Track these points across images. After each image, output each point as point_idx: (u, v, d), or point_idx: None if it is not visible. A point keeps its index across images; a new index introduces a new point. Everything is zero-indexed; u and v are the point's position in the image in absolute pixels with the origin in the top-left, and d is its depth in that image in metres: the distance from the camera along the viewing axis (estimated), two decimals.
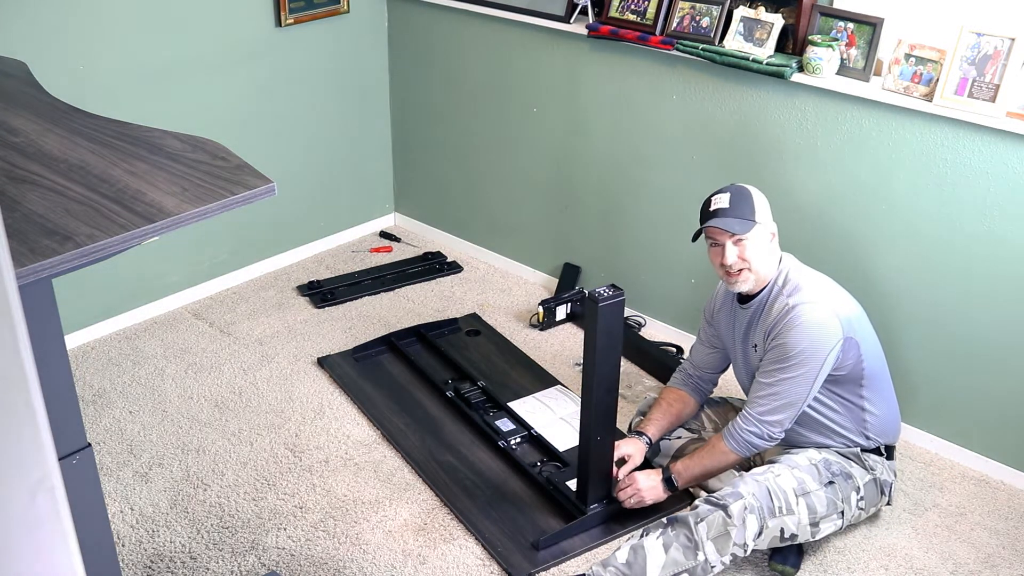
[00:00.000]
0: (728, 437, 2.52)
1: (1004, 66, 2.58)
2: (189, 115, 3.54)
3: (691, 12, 3.14)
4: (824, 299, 2.47)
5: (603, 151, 3.58)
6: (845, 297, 2.55)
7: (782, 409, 2.46)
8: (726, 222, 2.45)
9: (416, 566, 2.57)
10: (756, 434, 2.48)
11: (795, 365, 2.43)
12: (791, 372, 2.43)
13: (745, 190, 2.51)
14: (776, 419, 2.47)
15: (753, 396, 2.51)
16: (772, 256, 2.52)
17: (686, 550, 2.34)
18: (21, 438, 0.65)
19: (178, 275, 3.76)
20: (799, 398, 2.45)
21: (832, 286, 2.55)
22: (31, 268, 1.30)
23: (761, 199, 2.51)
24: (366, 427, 3.12)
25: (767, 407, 2.47)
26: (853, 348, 2.48)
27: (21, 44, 3.02)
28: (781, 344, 2.45)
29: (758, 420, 2.48)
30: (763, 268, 2.50)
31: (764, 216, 2.49)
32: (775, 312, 2.48)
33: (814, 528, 2.45)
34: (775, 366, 2.46)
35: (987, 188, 2.70)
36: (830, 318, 2.43)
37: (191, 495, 2.81)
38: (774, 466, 2.48)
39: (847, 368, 2.49)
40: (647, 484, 2.64)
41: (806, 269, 2.57)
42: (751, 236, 2.45)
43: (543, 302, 3.67)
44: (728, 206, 2.46)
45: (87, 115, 1.88)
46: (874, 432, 2.59)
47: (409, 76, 4.14)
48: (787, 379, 2.44)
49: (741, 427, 2.50)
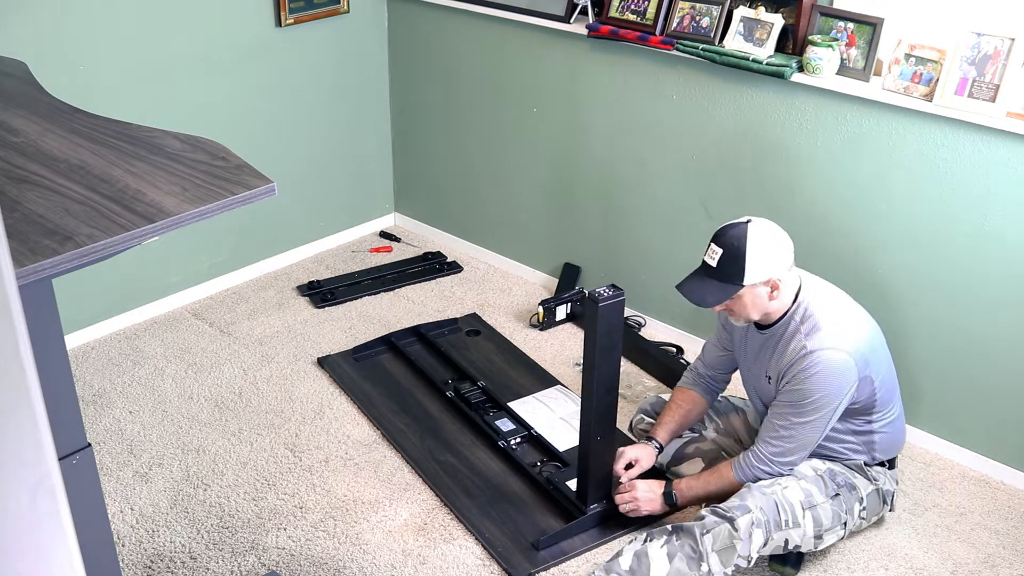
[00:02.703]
0: (737, 468, 2.49)
1: (1004, 66, 2.58)
2: (189, 115, 3.54)
3: (691, 12, 3.14)
4: (841, 341, 2.36)
5: (603, 151, 3.58)
6: (861, 324, 2.45)
7: (795, 451, 2.45)
8: (696, 293, 2.39)
9: (416, 566, 2.57)
10: (768, 472, 2.46)
11: (811, 411, 2.38)
12: (806, 417, 2.39)
13: (740, 247, 2.32)
14: (788, 460, 2.46)
15: (766, 435, 2.48)
16: (778, 299, 2.39)
17: (690, 561, 2.33)
18: (21, 438, 0.65)
19: (178, 275, 3.76)
20: (812, 440, 2.44)
21: (849, 315, 2.45)
22: (31, 268, 1.30)
23: (761, 253, 2.32)
24: (366, 427, 3.12)
25: (780, 449, 2.45)
26: (868, 385, 2.43)
27: (21, 44, 3.02)
28: (797, 390, 2.38)
29: (770, 460, 2.46)
30: (759, 314, 2.42)
31: (759, 273, 2.33)
32: (791, 352, 2.40)
33: (818, 540, 2.44)
34: (790, 410, 2.41)
35: (987, 188, 2.70)
36: (847, 364, 2.35)
37: (191, 495, 2.81)
38: (781, 478, 2.46)
39: (860, 403, 2.46)
40: (645, 496, 2.60)
41: (825, 297, 2.45)
42: (738, 296, 2.36)
43: (543, 302, 3.67)
44: (716, 266, 2.35)
45: (87, 115, 1.88)
46: (880, 450, 2.57)
47: (409, 76, 4.14)
48: (801, 423, 2.40)
49: (753, 464, 2.47)
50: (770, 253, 2.34)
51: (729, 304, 2.40)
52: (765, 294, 2.37)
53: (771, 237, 2.36)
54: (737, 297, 2.37)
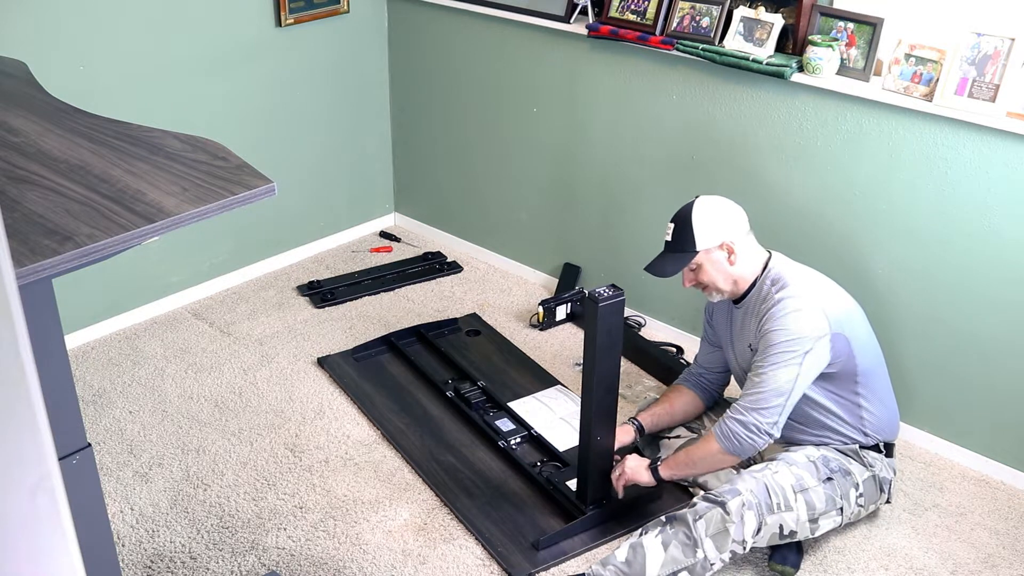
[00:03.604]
0: (717, 429, 2.51)
1: (1004, 66, 2.58)
2: (189, 115, 3.54)
3: (691, 12, 3.14)
4: (810, 293, 2.47)
5: (603, 151, 3.58)
6: (837, 294, 2.55)
7: (767, 399, 2.41)
8: (656, 267, 2.54)
9: (416, 566, 2.57)
10: (742, 423, 2.43)
11: (777, 354, 2.42)
12: (773, 360, 2.42)
13: (687, 217, 2.50)
14: (763, 408, 2.42)
15: (743, 391, 2.52)
16: (742, 266, 2.52)
17: (685, 548, 2.34)
18: (21, 438, 0.65)
19: (178, 275, 3.76)
20: (784, 388, 2.41)
21: (823, 283, 2.55)
22: (31, 268, 1.30)
23: (707, 219, 2.49)
24: (366, 427, 3.12)
25: (753, 398, 2.44)
26: (843, 344, 2.46)
27: (21, 44, 3.02)
28: (765, 335, 2.46)
29: (744, 409, 2.45)
30: (727, 282, 2.53)
31: (710, 239, 2.48)
32: (764, 310, 2.49)
33: (813, 525, 2.45)
34: (760, 357, 2.47)
35: (987, 188, 2.70)
36: (813, 310, 2.43)
37: (191, 495, 2.81)
38: (772, 463, 2.48)
39: (839, 364, 2.48)
40: (632, 465, 2.65)
41: (797, 266, 2.57)
42: (696, 264, 2.50)
43: (543, 302, 3.67)
44: (671, 239, 2.54)
45: (87, 115, 1.88)
46: (872, 429, 2.58)
47: (409, 76, 4.14)
48: (770, 367, 2.42)
49: (728, 416, 2.48)
50: (717, 219, 2.50)
51: (694, 276, 2.54)
52: (723, 259, 2.50)
53: (717, 206, 2.53)
54: (698, 267, 2.52)
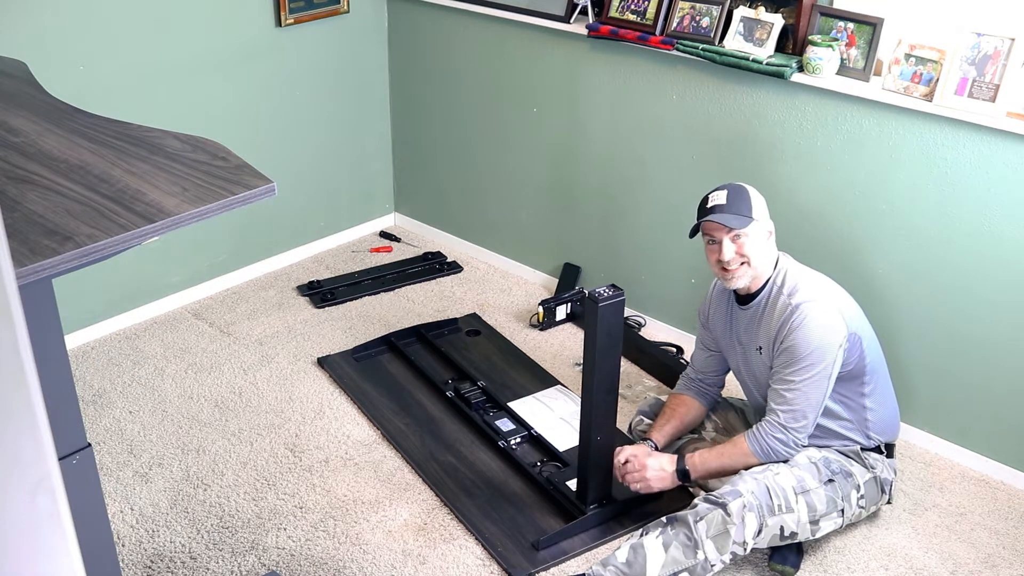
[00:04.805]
0: (752, 440, 2.50)
1: (1004, 66, 2.58)
2: (189, 115, 3.54)
3: (691, 12, 3.14)
4: (825, 296, 2.48)
5: (603, 151, 3.58)
6: (843, 294, 2.56)
7: (804, 413, 2.46)
8: (724, 217, 2.45)
9: (416, 566, 2.57)
10: (782, 441, 2.47)
11: (808, 366, 2.42)
12: (806, 373, 2.43)
13: (742, 188, 2.52)
14: (800, 425, 2.46)
15: (773, 404, 2.50)
16: (770, 254, 2.53)
17: (686, 549, 2.34)
18: (21, 438, 0.65)
19: (178, 275, 3.76)
20: (818, 399, 2.45)
21: (829, 284, 2.56)
22: (31, 268, 1.30)
23: (758, 197, 2.52)
24: (366, 427, 3.12)
25: (790, 413, 2.46)
26: (856, 344, 2.49)
27: (21, 44, 3.02)
28: (790, 346, 2.44)
29: (783, 427, 2.47)
30: (761, 265, 2.50)
31: (761, 213, 2.50)
32: (778, 313, 2.48)
33: (814, 526, 2.45)
34: (789, 370, 2.45)
35: (987, 188, 2.70)
36: (834, 314, 2.45)
37: (191, 495, 2.81)
38: (773, 465, 2.48)
39: (851, 364, 2.50)
40: (655, 473, 2.58)
41: (803, 268, 2.58)
42: (749, 232, 2.46)
43: (543, 302, 3.67)
44: (725, 202, 2.47)
45: (87, 115, 1.88)
46: (875, 430, 2.59)
47: (409, 76, 4.14)
48: (803, 381, 2.43)
49: (767, 432, 2.48)
50: (761, 199, 2.53)
51: (741, 246, 2.46)
52: (764, 237, 2.50)
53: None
54: (747, 234, 2.45)
